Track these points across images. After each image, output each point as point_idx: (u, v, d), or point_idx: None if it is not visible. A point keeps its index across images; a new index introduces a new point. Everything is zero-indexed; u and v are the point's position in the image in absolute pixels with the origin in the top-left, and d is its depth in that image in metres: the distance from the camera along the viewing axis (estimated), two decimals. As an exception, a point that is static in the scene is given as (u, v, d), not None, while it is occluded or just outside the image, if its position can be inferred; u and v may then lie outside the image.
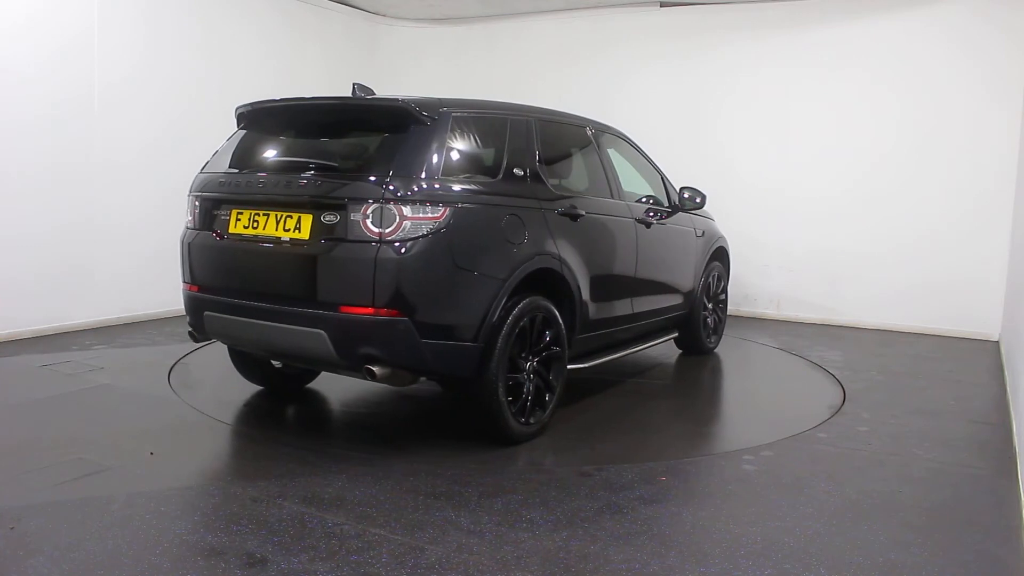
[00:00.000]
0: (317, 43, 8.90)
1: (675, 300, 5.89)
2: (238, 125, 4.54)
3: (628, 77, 8.91)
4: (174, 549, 2.92)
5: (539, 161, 4.52)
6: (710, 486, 3.77)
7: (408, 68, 9.78)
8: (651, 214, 5.54)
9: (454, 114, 4.08)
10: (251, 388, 5.19)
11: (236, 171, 4.23)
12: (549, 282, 4.39)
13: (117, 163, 6.80)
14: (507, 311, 4.03)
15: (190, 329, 4.42)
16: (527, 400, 4.22)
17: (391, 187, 3.69)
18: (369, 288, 3.66)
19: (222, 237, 4.15)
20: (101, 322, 6.80)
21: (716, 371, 6.12)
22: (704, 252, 6.25)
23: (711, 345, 6.58)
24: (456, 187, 3.93)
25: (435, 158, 3.87)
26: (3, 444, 3.99)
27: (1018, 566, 3.03)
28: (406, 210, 3.66)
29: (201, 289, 4.28)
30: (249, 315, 4.01)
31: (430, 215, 3.73)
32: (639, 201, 5.61)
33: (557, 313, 4.37)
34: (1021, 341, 5.06)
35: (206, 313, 4.23)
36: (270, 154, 4.32)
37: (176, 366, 5.59)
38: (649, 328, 5.68)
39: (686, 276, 5.99)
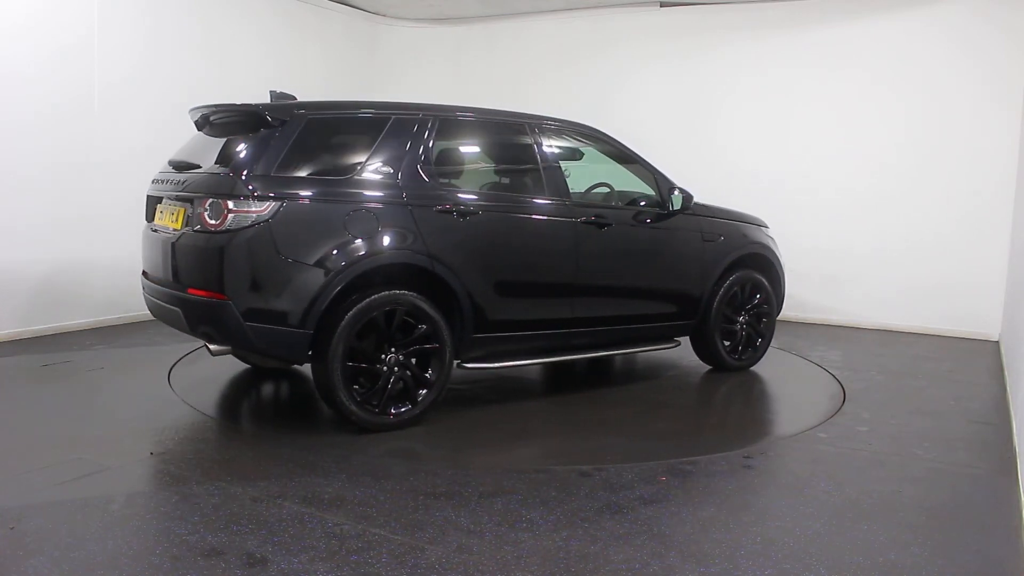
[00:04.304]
0: (317, 43, 8.90)
1: (665, 308, 5.59)
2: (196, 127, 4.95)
3: (628, 77, 8.91)
4: (174, 549, 2.92)
5: (424, 160, 4.58)
6: (710, 486, 3.77)
7: (408, 68, 9.77)
8: (614, 216, 5.27)
9: (310, 117, 4.38)
10: (250, 388, 5.20)
11: (164, 170, 4.78)
12: (424, 278, 4.46)
13: (117, 163, 6.79)
14: (349, 302, 4.21)
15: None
16: (384, 391, 4.31)
17: (223, 183, 4.14)
18: (201, 273, 4.18)
19: (152, 228, 4.76)
20: (101, 322, 6.81)
21: (717, 370, 6.09)
22: (719, 258, 5.77)
23: (738, 362, 6.02)
24: (289, 184, 4.19)
25: (272, 157, 4.20)
26: (3, 444, 4.00)
27: (1018, 566, 3.03)
28: (231, 204, 4.07)
29: (143, 272, 4.93)
30: (152, 294, 4.67)
31: (254, 209, 4.07)
32: (631, 203, 5.48)
33: (429, 309, 4.41)
34: (1021, 341, 5.06)
35: (142, 293, 4.88)
36: (180, 154, 4.78)
37: (176, 366, 5.60)
38: (622, 335, 5.45)
39: (682, 283, 5.65)
